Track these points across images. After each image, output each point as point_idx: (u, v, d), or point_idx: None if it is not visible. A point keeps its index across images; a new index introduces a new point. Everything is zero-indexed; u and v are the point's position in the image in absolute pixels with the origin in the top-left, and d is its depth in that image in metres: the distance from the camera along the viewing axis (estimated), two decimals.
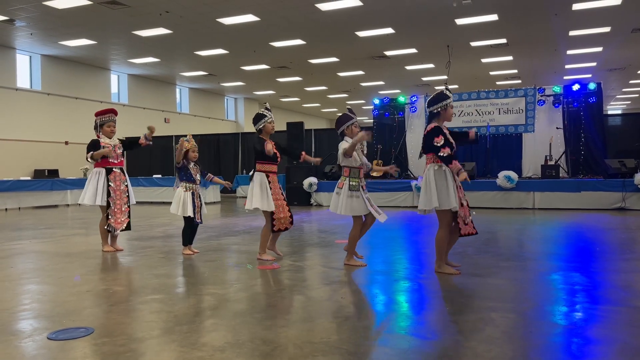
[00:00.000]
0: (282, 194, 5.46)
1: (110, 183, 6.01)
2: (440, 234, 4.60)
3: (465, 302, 3.73)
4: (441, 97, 4.62)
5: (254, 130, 5.55)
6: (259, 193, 5.26)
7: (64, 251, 6.23)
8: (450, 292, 4.08)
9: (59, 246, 6.67)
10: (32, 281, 4.60)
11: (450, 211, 4.52)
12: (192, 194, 5.82)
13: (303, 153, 5.64)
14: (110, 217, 6.01)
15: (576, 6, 12.14)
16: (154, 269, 5.06)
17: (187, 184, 5.83)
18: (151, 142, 6.27)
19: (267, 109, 5.50)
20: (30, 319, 3.42)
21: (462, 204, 4.54)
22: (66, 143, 17.68)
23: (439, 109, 4.61)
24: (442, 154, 4.45)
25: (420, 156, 4.90)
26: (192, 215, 5.76)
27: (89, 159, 6.00)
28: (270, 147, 5.16)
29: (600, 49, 16.39)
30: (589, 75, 20.42)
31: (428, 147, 4.59)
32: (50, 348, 2.85)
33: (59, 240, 7.22)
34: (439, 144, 4.46)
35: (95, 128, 6.14)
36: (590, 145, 12.26)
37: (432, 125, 4.60)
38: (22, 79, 16.77)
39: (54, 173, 15.60)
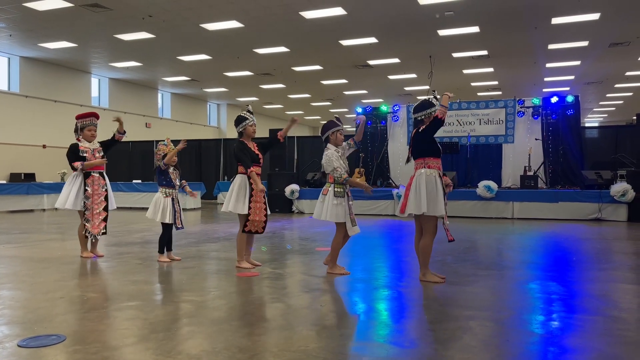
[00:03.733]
0: (263, 197, 5.40)
1: (87, 187, 5.90)
2: (425, 241, 4.61)
3: (444, 310, 3.74)
4: (427, 104, 4.67)
5: (236, 136, 5.51)
6: (236, 196, 5.22)
7: (38, 256, 6.10)
8: (429, 300, 4.08)
9: (33, 251, 6.52)
10: (4, 287, 4.48)
11: (436, 218, 4.55)
12: (172, 199, 5.75)
13: (279, 133, 5.69)
14: (86, 222, 5.90)
15: (555, 20, 12.38)
16: (131, 275, 4.98)
17: (167, 189, 5.75)
18: (125, 132, 6.23)
19: (249, 111, 5.48)
20: (1, 325, 3.32)
21: None
22: (44, 146, 17.36)
23: (423, 117, 4.65)
24: (441, 118, 4.54)
25: (408, 161, 4.94)
26: (170, 222, 5.68)
27: (79, 167, 5.85)
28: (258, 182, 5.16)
29: (578, 62, 16.73)
30: (567, 88, 20.82)
31: (418, 151, 4.62)
32: (20, 355, 2.77)
33: (33, 245, 7.06)
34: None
35: (76, 131, 6.04)
36: (568, 156, 12.47)
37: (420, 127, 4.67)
38: (0, 81, 16.45)
39: (30, 177, 15.28)
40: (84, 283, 4.70)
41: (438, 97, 4.81)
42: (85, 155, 5.90)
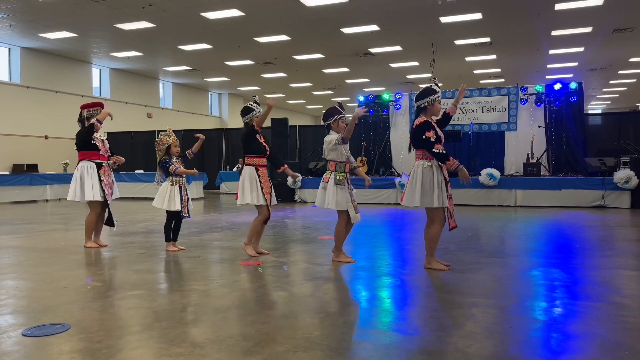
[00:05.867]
0: (270, 187, 5.43)
1: (102, 178, 5.94)
2: (433, 230, 4.59)
3: (447, 297, 3.75)
4: (429, 91, 4.63)
5: (238, 126, 5.51)
6: (249, 187, 5.23)
7: (42, 246, 6.12)
8: (432, 288, 4.09)
9: (37, 241, 6.55)
10: (8, 277, 4.50)
11: (443, 208, 4.53)
12: (180, 187, 5.75)
13: (285, 166, 5.67)
14: (107, 211, 6.00)
15: (559, 6, 12.26)
16: (135, 265, 4.99)
17: (174, 178, 5.76)
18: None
19: (256, 102, 5.46)
20: (6, 314, 3.34)
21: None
22: (46, 137, 17.37)
23: (427, 104, 4.61)
24: (436, 151, 4.44)
25: (410, 150, 4.91)
26: (179, 209, 5.69)
27: (99, 118, 5.87)
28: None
29: (581, 49, 16.60)
30: (571, 75, 20.68)
31: (418, 142, 4.58)
32: (25, 344, 2.79)
33: (37, 236, 7.08)
34: (431, 139, 4.45)
35: (80, 121, 6.03)
36: (571, 143, 12.41)
37: (422, 119, 4.59)
38: (1, 72, 16.41)
39: (33, 168, 15.31)
40: (87, 272, 4.71)
41: (440, 84, 4.77)
42: (96, 143, 5.93)
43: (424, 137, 4.46)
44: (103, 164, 5.99)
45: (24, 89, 16.73)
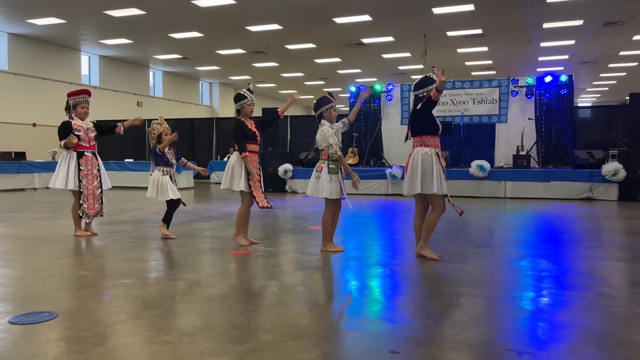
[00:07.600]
0: (258, 174, 5.40)
1: (81, 167, 5.86)
2: (432, 215, 4.62)
3: (436, 287, 3.77)
4: (428, 81, 4.65)
5: (229, 115, 5.50)
6: (231, 173, 5.22)
7: (29, 235, 6.07)
8: (421, 278, 4.11)
9: (24, 230, 6.49)
10: None
11: (443, 195, 4.56)
12: (170, 177, 5.77)
13: (279, 110, 5.67)
14: (82, 202, 5.89)
15: None
16: (124, 254, 4.97)
17: (165, 168, 5.77)
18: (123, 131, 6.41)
19: (249, 90, 5.44)
20: None
21: None
22: (34, 125, 17.17)
23: (425, 93, 4.63)
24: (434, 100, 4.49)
25: (407, 139, 4.92)
26: (175, 198, 5.73)
27: (61, 146, 5.82)
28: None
29: (572, 42, 16.66)
30: (561, 68, 20.77)
31: (416, 128, 4.61)
32: (12, 332, 2.77)
33: (25, 224, 7.02)
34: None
35: (67, 109, 5.96)
36: (561, 136, 12.50)
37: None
38: None
39: (21, 155, 15.12)
40: (76, 261, 4.69)
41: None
42: (78, 133, 5.85)
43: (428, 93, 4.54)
44: (85, 153, 5.93)
45: (11, 75, 16.50)
